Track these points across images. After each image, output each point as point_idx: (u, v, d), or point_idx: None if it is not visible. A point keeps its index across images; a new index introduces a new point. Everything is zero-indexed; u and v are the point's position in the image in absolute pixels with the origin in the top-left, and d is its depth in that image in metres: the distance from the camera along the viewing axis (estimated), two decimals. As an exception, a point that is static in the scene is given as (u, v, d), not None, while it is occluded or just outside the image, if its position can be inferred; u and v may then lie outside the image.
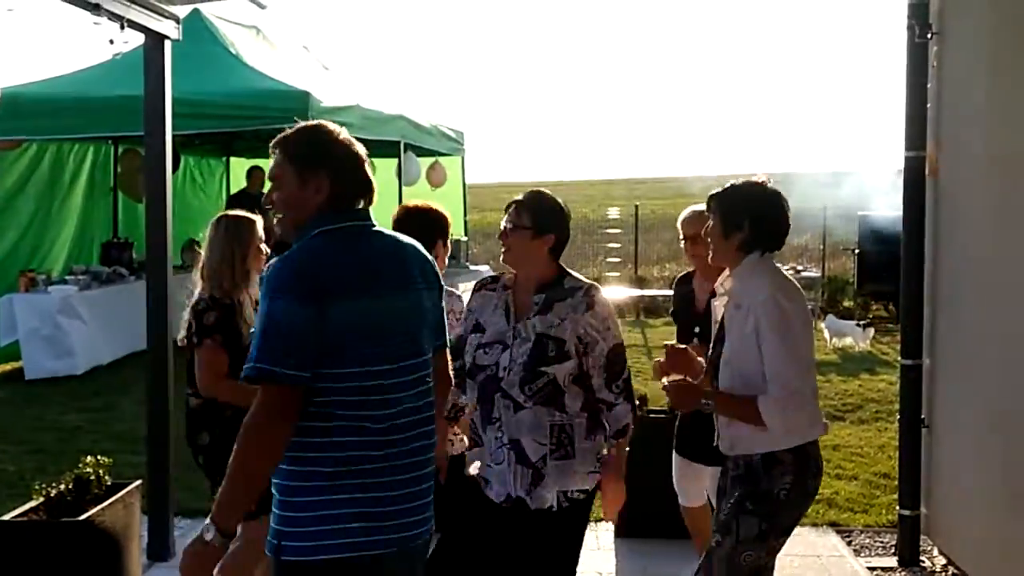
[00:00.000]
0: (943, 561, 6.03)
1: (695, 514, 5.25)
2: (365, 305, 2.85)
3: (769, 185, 3.88)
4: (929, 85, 6.00)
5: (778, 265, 3.94)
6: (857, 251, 16.91)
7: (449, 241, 4.62)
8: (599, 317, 3.81)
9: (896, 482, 6.50)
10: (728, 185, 3.88)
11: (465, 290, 16.14)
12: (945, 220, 5.99)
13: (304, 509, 2.84)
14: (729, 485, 3.85)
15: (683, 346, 4.24)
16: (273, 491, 2.91)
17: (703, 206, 4.10)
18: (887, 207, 14.42)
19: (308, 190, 2.93)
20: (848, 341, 13.60)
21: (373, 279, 2.91)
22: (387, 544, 2.89)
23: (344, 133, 3.03)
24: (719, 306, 3.97)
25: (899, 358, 6.31)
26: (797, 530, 6.35)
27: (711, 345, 4.00)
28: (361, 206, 3.01)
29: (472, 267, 16.25)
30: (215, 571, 3.87)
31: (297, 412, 2.78)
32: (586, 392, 3.82)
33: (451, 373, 3.36)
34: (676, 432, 5.30)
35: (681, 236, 5.19)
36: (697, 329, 4.90)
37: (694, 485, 5.15)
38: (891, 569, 5.99)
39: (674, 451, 5.30)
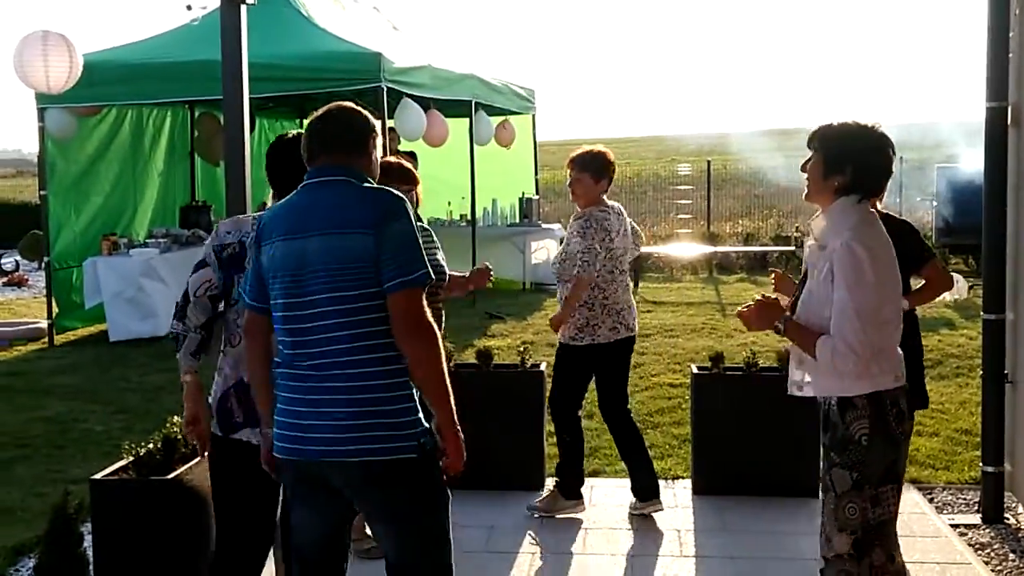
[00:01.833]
0: (1027, 517, 5.96)
1: None
2: (269, 250, 3.39)
3: (878, 129, 3.75)
4: (1012, 33, 5.86)
5: (874, 211, 3.82)
6: (935, 204, 16.63)
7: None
8: None
9: (978, 438, 6.41)
10: (837, 123, 3.77)
11: (537, 248, 16.15)
12: (1029, 171, 5.86)
13: None
14: (821, 438, 3.83)
15: (772, 296, 4.09)
16: None
17: None
18: (965, 159, 14.18)
19: None
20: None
21: (279, 227, 3.39)
22: (281, 451, 3.39)
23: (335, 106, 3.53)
24: (809, 246, 3.90)
25: (981, 312, 6.22)
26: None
27: (799, 284, 3.94)
28: (322, 163, 3.43)
29: (544, 225, 16.23)
30: None
31: (256, 331, 3.52)
32: None
33: (414, 316, 3.23)
34: None
35: None
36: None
37: None
38: (974, 526, 5.91)
39: None
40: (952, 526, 5.88)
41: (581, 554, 5.59)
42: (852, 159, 3.69)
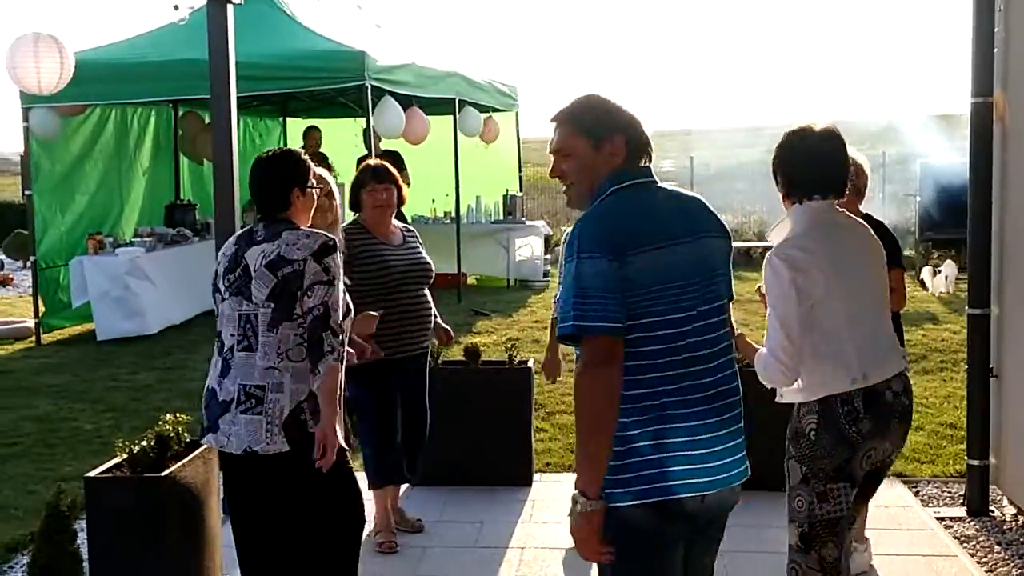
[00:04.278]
0: (1012, 511, 6.01)
1: None
2: (658, 255, 2.93)
3: (808, 131, 3.76)
4: (996, 29, 5.91)
5: (831, 214, 3.79)
6: (918, 198, 16.72)
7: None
8: None
9: (963, 432, 6.48)
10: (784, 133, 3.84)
11: (521, 245, 15.95)
12: (1013, 166, 5.91)
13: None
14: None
15: None
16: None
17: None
18: (946, 153, 14.27)
19: (603, 154, 3.05)
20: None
21: (663, 230, 2.97)
22: (693, 487, 2.93)
23: (616, 98, 3.14)
24: None
25: (966, 307, 6.27)
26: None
27: None
28: (644, 164, 3.11)
29: (528, 222, 16.25)
30: None
31: (618, 358, 2.86)
32: None
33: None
34: None
35: None
36: None
37: None
38: (960, 519, 5.97)
39: None
40: (938, 519, 5.93)
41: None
42: (780, 167, 3.79)
